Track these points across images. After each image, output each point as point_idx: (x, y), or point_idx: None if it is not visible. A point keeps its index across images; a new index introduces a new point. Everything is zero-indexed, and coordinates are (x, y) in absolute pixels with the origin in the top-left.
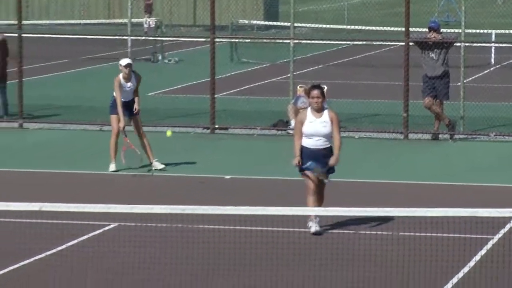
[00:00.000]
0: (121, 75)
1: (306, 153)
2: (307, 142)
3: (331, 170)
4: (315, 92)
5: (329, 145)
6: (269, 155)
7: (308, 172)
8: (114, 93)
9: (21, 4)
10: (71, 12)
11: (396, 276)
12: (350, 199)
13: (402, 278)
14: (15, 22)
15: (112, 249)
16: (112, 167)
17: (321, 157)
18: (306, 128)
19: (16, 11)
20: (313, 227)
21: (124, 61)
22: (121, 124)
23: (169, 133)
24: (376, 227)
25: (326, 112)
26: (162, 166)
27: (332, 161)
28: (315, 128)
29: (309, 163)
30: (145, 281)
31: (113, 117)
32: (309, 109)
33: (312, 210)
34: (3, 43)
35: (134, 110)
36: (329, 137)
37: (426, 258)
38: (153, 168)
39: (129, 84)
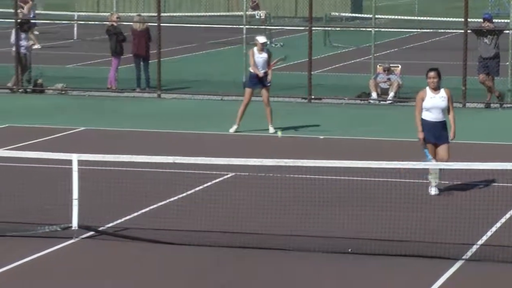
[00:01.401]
0: (255, 48)
1: (426, 126)
2: (427, 115)
3: (447, 138)
4: (432, 73)
5: (443, 119)
6: (355, 120)
7: (429, 145)
8: (250, 69)
9: (159, 0)
10: (198, 6)
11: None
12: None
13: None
14: (155, 14)
15: (230, 193)
16: (234, 128)
17: (438, 128)
18: (426, 103)
19: (156, 6)
20: (433, 190)
21: (261, 39)
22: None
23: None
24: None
25: (442, 90)
26: (273, 130)
27: (452, 135)
28: (435, 102)
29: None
30: (257, 217)
31: (247, 90)
32: (427, 88)
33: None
34: (147, 31)
35: (267, 82)
36: (444, 111)
37: (480, 203)
38: (272, 132)
39: (262, 55)
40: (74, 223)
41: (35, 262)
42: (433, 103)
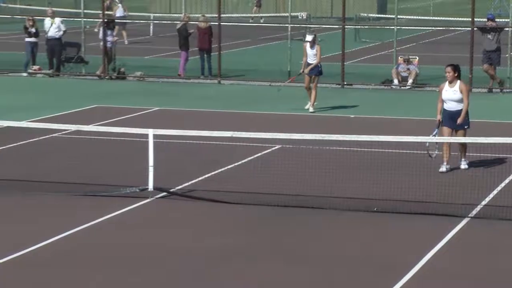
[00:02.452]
0: (307, 44)
1: (444, 113)
2: (445, 105)
3: (462, 125)
4: (448, 68)
5: (460, 108)
6: (379, 102)
7: (444, 128)
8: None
9: (220, 3)
10: (251, 7)
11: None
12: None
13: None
14: (216, 15)
15: (276, 162)
16: (309, 107)
17: (453, 117)
18: (443, 95)
19: (217, 8)
20: (442, 168)
21: (308, 37)
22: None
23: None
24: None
25: (458, 83)
26: (312, 110)
27: (459, 120)
28: (448, 95)
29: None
30: (299, 181)
31: (307, 77)
32: (446, 81)
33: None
34: (209, 28)
35: (311, 71)
36: (460, 102)
37: (484, 171)
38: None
39: (312, 49)
40: (150, 186)
41: (120, 216)
42: (447, 96)
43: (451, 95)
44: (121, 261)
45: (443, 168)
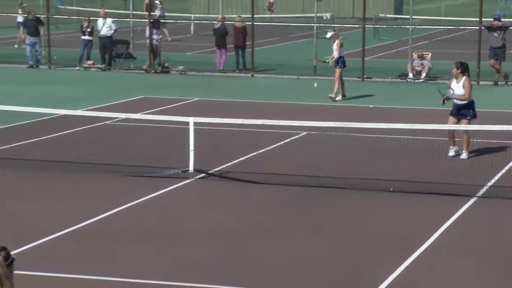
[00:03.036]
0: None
1: (453, 105)
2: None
3: (465, 116)
4: (454, 66)
5: (465, 102)
6: (396, 94)
7: (450, 118)
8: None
9: (253, 5)
10: (281, 9)
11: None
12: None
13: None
14: (250, 15)
15: (304, 147)
16: (339, 97)
17: (459, 108)
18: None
19: (250, 9)
20: (450, 152)
21: (327, 35)
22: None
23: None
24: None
25: (463, 80)
26: (339, 98)
27: (446, 98)
28: (455, 90)
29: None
30: (324, 163)
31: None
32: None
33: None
34: (244, 28)
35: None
36: (462, 97)
37: (489, 155)
38: (334, 99)
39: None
40: (191, 168)
41: (164, 194)
42: (451, 91)
43: (456, 90)
44: (166, 234)
45: (451, 152)
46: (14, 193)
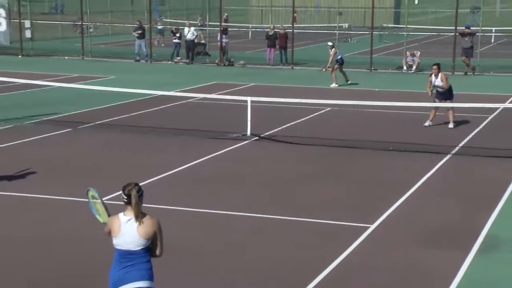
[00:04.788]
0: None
1: (436, 92)
2: (435, 88)
3: (447, 98)
4: (434, 66)
5: (444, 90)
6: (394, 81)
7: (436, 100)
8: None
9: (293, 17)
10: (312, 20)
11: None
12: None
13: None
14: (291, 25)
15: (328, 119)
16: (334, 85)
17: (441, 94)
18: (433, 82)
19: (291, 21)
20: (426, 123)
21: (329, 43)
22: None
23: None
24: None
25: (440, 74)
26: (334, 85)
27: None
28: (436, 82)
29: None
30: (343, 130)
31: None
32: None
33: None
34: (286, 33)
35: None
36: (442, 87)
37: (461, 125)
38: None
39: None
40: (248, 132)
41: (231, 150)
42: (435, 83)
43: (438, 82)
44: (235, 178)
45: (426, 123)
46: (128, 149)
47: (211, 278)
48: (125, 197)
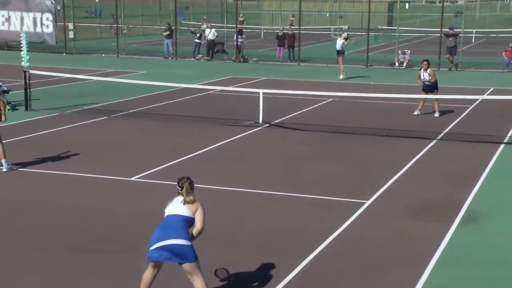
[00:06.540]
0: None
1: (424, 85)
2: (425, 81)
3: (433, 89)
4: (424, 62)
5: (432, 84)
6: (387, 75)
7: (423, 92)
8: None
9: (300, 20)
10: (316, 22)
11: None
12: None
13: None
14: (297, 26)
15: (330, 108)
16: (342, 76)
17: (428, 86)
18: (422, 76)
19: (297, 23)
20: (415, 112)
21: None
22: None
23: (340, 76)
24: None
25: (429, 69)
26: (341, 77)
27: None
28: (425, 76)
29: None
30: (343, 117)
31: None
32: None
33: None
34: (294, 34)
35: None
36: (431, 79)
37: (446, 114)
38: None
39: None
40: (260, 120)
41: (245, 135)
42: (424, 77)
43: (427, 76)
44: (249, 157)
45: (415, 112)
46: (157, 133)
47: (215, 243)
48: (179, 189)
